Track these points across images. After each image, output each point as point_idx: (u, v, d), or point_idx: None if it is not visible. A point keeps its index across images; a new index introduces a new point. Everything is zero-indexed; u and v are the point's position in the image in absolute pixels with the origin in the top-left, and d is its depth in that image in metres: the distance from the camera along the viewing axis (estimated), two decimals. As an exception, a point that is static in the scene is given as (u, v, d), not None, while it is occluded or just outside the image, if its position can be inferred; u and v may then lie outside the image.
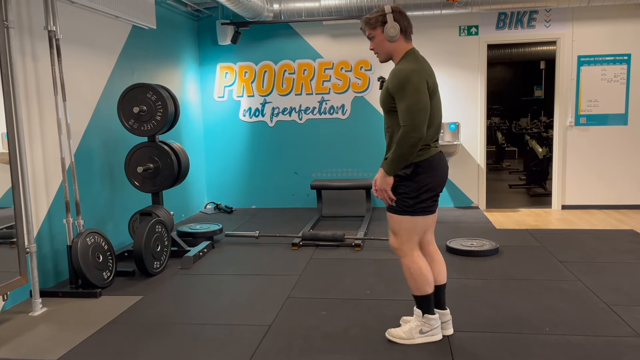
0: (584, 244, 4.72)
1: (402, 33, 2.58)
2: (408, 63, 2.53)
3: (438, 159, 2.64)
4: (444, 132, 6.47)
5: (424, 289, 2.67)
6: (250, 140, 6.88)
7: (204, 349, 2.79)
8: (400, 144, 2.45)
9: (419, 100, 2.43)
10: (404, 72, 2.47)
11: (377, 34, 2.59)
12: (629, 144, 6.23)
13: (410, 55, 2.59)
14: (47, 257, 3.84)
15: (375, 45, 2.63)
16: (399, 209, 2.62)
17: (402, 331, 2.75)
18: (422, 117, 2.44)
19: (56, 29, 3.70)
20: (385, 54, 2.63)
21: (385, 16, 2.55)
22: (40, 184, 3.77)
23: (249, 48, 6.72)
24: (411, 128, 2.42)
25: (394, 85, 2.48)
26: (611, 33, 6.11)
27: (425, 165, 2.57)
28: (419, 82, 2.45)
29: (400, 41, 2.59)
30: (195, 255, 4.44)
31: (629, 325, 2.94)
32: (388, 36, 2.56)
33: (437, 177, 2.63)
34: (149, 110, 4.33)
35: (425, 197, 2.61)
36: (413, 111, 2.42)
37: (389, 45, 2.59)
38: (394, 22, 2.54)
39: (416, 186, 2.57)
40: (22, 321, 3.26)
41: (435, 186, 2.63)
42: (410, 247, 2.67)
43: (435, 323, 2.74)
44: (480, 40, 6.35)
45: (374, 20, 2.58)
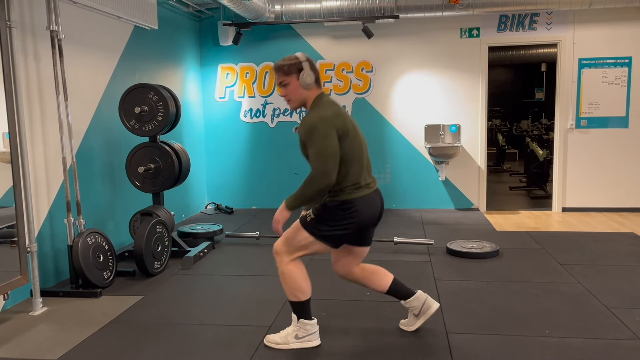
0: (584, 246, 4.73)
1: (315, 81, 2.63)
2: (316, 110, 2.57)
3: (366, 200, 2.62)
4: (445, 133, 6.48)
5: (296, 295, 2.70)
6: (251, 141, 6.89)
7: (204, 349, 2.80)
8: (308, 186, 2.49)
9: (326, 146, 2.47)
10: (311, 121, 2.51)
11: (291, 80, 2.60)
12: (630, 146, 6.23)
13: (319, 101, 2.62)
14: (47, 256, 3.85)
15: (288, 92, 2.63)
16: (308, 224, 2.64)
17: (279, 336, 2.79)
18: (331, 163, 2.47)
19: (58, 29, 3.70)
20: (299, 101, 2.65)
21: (301, 64, 2.59)
22: (41, 183, 3.78)
23: (250, 49, 6.73)
24: (320, 173, 2.46)
25: (303, 134, 2.53)
26: (612, 36, 6.12)
27: (351, 203, 2.58)
28: (326, 129, 2.48)
29: (313, 88, 2.63)
30: (196, 255, 4.44)
31: (629, 328, 2.94)
32: (305, 84, 2.58)
33: (361, 217, 2.61)
34: (150, 110, 4.34)
35: (342, 232, 2.62)
36: (321, 157, 2.46)
37: (303, 92, 2.63)
38: (310, 71, 2.59)
39: (338, 218, 2.60)
40: (23, 321, 3.26)
41: (358, 226, 2.63)
42: (289, 257, 2.69)
43: (311, 329, 2.76)
44: (482, 42, 6.35)
45: (287, 68, 2.59)
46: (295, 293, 2.70)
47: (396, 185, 6.70)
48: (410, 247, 4.77)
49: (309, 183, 2.49)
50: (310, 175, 2.50)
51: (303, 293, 2.70)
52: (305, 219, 2.67)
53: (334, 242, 2.68)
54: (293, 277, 2.68)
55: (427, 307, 2.88)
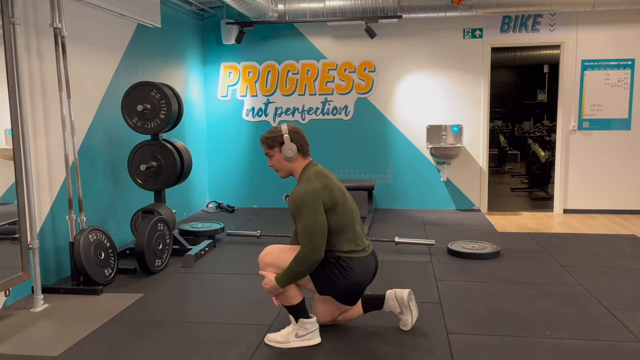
0: (586, 248, 4.72)
1: (299, 152, 2.68)
2: (303, 184, 2.61)
3: (362, 262, 2.68)
4: (447, 134, 6.48)
5: (288, 301, 2.72)
6: (252, 140, 6.89)
7: (204, 347, 2.80)
8: (298, 263, 2.55)
9: (313, 222, 2.52)
10: (298, 196, 2.56)
11: (275, 153, 2.70)
12: (632, 149, 6.22)
13: (305, 173, 2.67)
14: (49, 253, 3.86)
15: (274, 163, 2.73)
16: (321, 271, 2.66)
17: (279, 335, 2.79)
18: (318, 239, 2.53)
19: (62, 26, 3.71)
20: (286, 171, 2.74)
21: (282, 137, 2.65)
22: (43, 180, 3.79)
23: (253, 48, 6.74)
24: (310, 250, 2.52)
25: (292, 208, 2.59)
26: (615, 38, 6.11)
27: (347, 261, 2.64)
28: (313, 204, 2.53)
29: (298, 159, 2.71)
30: (197, 253, 4.45)
31: (630, 330, 2.94)
32: (286, 157, 2.65)
33: (356, 277, 2.66)
34: (153, 108, 4.34)
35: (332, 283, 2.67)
36: (309, 234, 2.52)
37: (287, 164, 2.70)
38: (290, 144, 2.65)
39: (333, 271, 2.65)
40: (24, 317, 3.27)
41: (348, 284, 2.66)
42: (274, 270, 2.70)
43: (311, 327, 2.77)
44: (484, 43, 6.35)
45: (270, 142, 2.69)
46: (287, 300, 2.71)
47: (398, 186, 6.70)
48: (411, 247, 4.77)
49: (299, 260, 2.55)
50: (299, 252, 2.55)
51: (293, 297, 2.72)
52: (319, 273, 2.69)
53: (322, 288, 2.70)
54: None
55: (400, 299, 2.89)
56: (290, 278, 2.59)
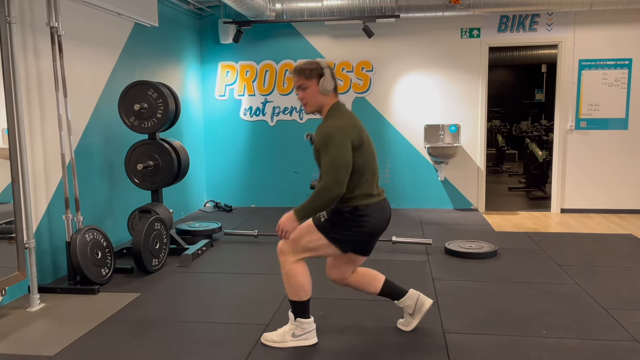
0: (583, 247, 4.73)
1: (333, 89, 2.65)
2: (333, 119, 2.58)
3: (378, 206, 2.65)
4: (444, 133, 6.48)
5: (298, 294, 2.70)
6: (250, 140, 6.88)
7: (200, 347, 2.80)
8: (319, 196, 2.49)
9: (340, 156, 2.48)
10: (328, 129, 2.52)
11: (311, 84, 2.61)
12: (629, 148, 6.23)
13: (336, 110, 2.63)
14: (45, 253, 3.85)
15: (306, 96, 2.63)
16: (322, 225, 2.64)
17: (276, 335, 2.78)
18: (343, 173, 2.48)
19: (58, 25, 3.70)
20: (316, 105, 2.65)
21: (322, 69, 2.61)
22: (40, 179, 3.78)
23: (250, 47, 6.73)
24: (332, 183, 2.47)
25: (318, 142, 2.54)
26: (612, 37, 6.12)
27: (364, 209, 2.60)
28: (342, 139, 2.50)
29: (331, 95, 2.65)
30: (194, 253, 4.44)
31: (626, 330, 2.94)
32: (324, 89, 2.59)
33: (373, 224, 2.63)
34: (150, 107, 4.33)
35: (352, 237, 2.63)
36: (335, 167, 2.47)
37: (321, 98, 2.63)
38: (330, 78, 2.61)
39: (350, 224, 2.60)
40: (20, 317, 3.26)
41: (368, 232, 2.64)
42: (294, 257, 2.68)
43: (308, 327, 2.76)
44: (482, 43, 6.35)
45: (309, 72, 2.60)
46: (298, 293, 2.70)
47: (395, 185, 6.70)
48: (408, 246, 4.77)
49: (320, 193, 2.49)
50: (322, 184, 2.49)
51: (305, 293, 2.71)
52: (319, 220, 2.66)
53: (343, 246, 2.67)
54: (297, 278, 2.68)
55: (420, 305, 2.89)
56: (307, 211, 2.53)
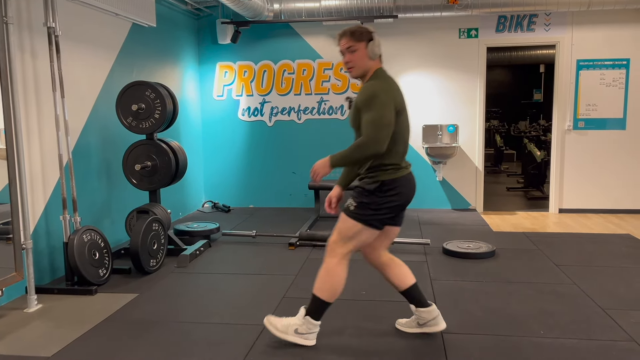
0: (581, 247, 4.73)
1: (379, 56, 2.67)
2: (377, 80, 2.60)
3: (406, 180, 2.65)
4: (442, 133, 6.48)
5: (327, 294, 2.69)
6: (248, 140, 6.88)
7: (198, 347, 2.79)
8: (357, 150, 2.49)
9: (383, 115, 2.48)
10: (373, 88, 2.53)
11: (360, 47, 2.60)
12: (627, 148, 6.24)
13: (380, 73, 2.65)
14: (43, 253, 3.84)
15: (353, 59, 2.62)
16: (353, 213, 2.63)
17: (280, 323, 2.77)
18: (385, 132, 2.48)
19: (55, 25, 3.69)
20: (363, 69, 2.64)
21: (372, 34, 2.62)
22: (37, 180, 3.77)
23: (248, 47, 6.73)
24: (373, 140, 2.46)
25: (362, 100, 2.54)
26: (610, 38, 6.13)
27: (391, 184, 2.59)
28: (386, 99, 2.51)
29: (377, 60, 2.66)
30: (192, 253, 4.44)
31: (624, 330, 2.95)
32: (372, 53, 2.60)
33: (402, 198, 2.63)
34: (148, 108, 4.33)
35: (384, 214, 2.63)
36: (377, 125, 2.46)
37: (368, 62, 2.63)
38: (379, 43, 2.62)
39: (379, 201, 2.59)
40: (17, 317, 3.25)
41: (398, 206, 2.64)
42: (342, 253, 2.67)
43: (313, 329, 2.75)
44: (480, 43, 6.36)
45: (358, 35, 2.59)
46: (328, 293, 2.67)
47: (393, 185, 6.69)
48: (406, 246, 4.77)
49: (359, 147, 2.48)
50: (362, 139, 2.47)
51: (332, 297, 2.69)
52: (349, 209, 2.65)
53: (379, 225, 2.65)
54: (334, 279, 2.66)
55: (434, 323, 2.85)
56: (343, 160, 2.54)
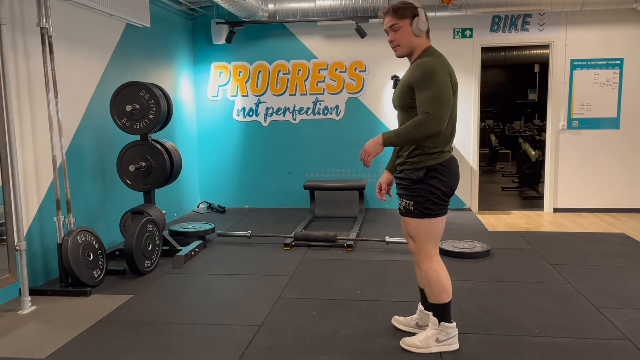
0: (575, 246, 4.75)
1: (426, 33, 2.54)
2: (432, 57, 2.45)
3: (451, 162, 2.55)
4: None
5: (440, 297, 2.60)
6: (243, 140, 6.87)
7: (193, 348, 2.79)
8: (416, 128, 2.34)
9: (443, 92, 2.35)
10: (430, 64, 2.40)
11: (404, 24, 2.47)
12: (621, 147, 6.27)
13: (433, 51, 2.53)
14: (37, 255, 3.82)
15: (399, 37, 2.50)
16: (415, 212, 2.53)
17: (418, 340, 2.67)
18: (446, 110, 2.35)
19: (49, 25, 3.68)
20: (409, 47, 2.52)
21: (416, 9, 2.47)
22: (31, 181, 3.75)
23: (243, 48, 6.72)
24: (435, 119, 2.33)
25: (417, 76, 2.39)
26: (604, 37, 6.15)
27: (439, 168, 2.49)
28: (445, 76, 2.39)
29: (424, 38, 2.53)
30: (187, 254, 4.43)
31: (617, 328, 2.96)
32: (417, 30, 2.46)
33: (451, 181, 2.54)
34: (142, 108, 4.32)
35: (438, 200, 2.52)
36: (439, 102, 2.33)
37: (414, 40, 2.50)
38: (424, 18, 2.47)
39: (431, 189, 2.49)
40: (11, 319, 3.24)
41: (448, 190, 2.54)
42: (427, 252, 2.59)
43: (452, 332, 2.67)
44: (474, 43, 6.37)
45: (402, 11, 2.46)
46: (440, 294, 2.60)
47: (389, 185, 6.70)
48: (402, 246, 4.77)
49: (419, 125, 2.34)
50: (422, 117, 2.34)
51: (447, 294, 2.60)
52: (410, 211, 2.54)
53: (444, 209, 2.56)
54: (438, 278, 2.58)
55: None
56: (399, 139, 2.39)
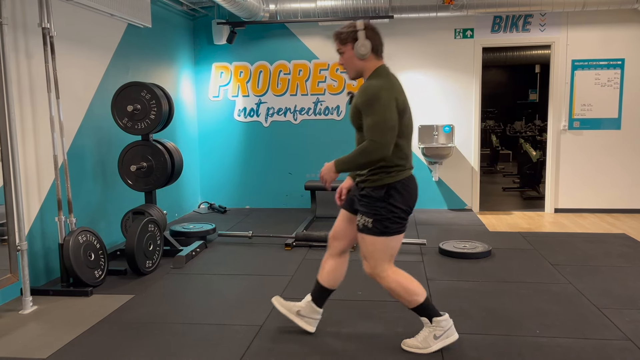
0: (576, 247, 4.75)
1: (373, 51, 2.51)
2: (378, 79, 2.47)
3: (410, 180, 2.58)
4: (439, 134, 6.49)
5: (414, 300, 2.62)
6: (244, 140, 6.87)
7: (195, 348, 2.79)
8: (362, 155, 2.41)
9: (386, 117, 2.38)
10: (373, 88, 2.42)
11: (347, 49, 2.53)
12: (622, 148, 6.26)
13: (380, 72, 2.53)
14: (38, 255, 3.83)
15: (344, 61, 2.57)
16: (374, 230, 2.54)
17: (417, 341, 2.69)
18: (390, 136, 2.39)
19: (50, 26, 3.68)
20: (355, 71, 2.57)
21: (356, 32, 2.49)
22: (32, 181, 3.76)
23: (244, 48, 6.72)
24: (378, 145, 2.37)
25: (362, 101, 2.43)
26: (605, 38, 6.15)
27: (398, 186, 2.51)
28: (388, 99, 2.40)
29: (371, 59, 2.53)
30: (188, 254, 4.43)
31: (619, 329, 2.96)
32: (358, 54, 2.49)
33: (410, 199, 2.57)
34: (143, 108, 4.32)
35: (398, 219, 2.55)
36: (382, 128, 2.37)
37: (358, 63, 2.54)
38: (365, 40, 2.48)
39: (390, 208, 2.52)
40: (12, 319, 3.24)
41: (407, 208, 2.58)
42: (382, 269, 2.61)
43: (446, 324, 2.67)
44: (476, 43, 6.37)
45: (344, 36, 2.52)
46: (412, 299, 2.61)
47: (390, 186, 6.69)
48: (402, 247, 4.74)
49: (364, 153, 2.40)
50: (367, 145, 2.39)
51: (418, 295, 2.61)
52: (368, 229, 2.55)
53: (402, 227, 2.57)
54: (402, 286, 2.60)
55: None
56: (348, 166, 2.47)
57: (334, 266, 2.86)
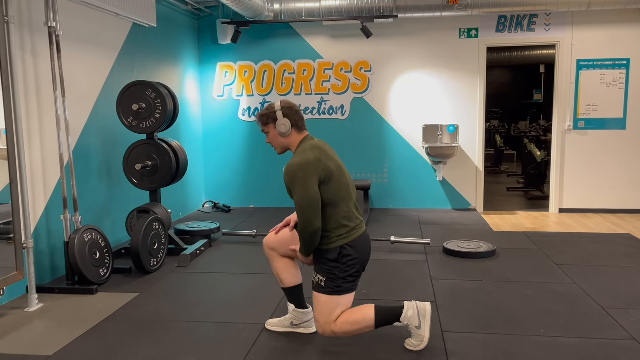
0: (581, 247, 4.74)
1: (293, 127, 2.65)
2: (298, 156, 2.59)
3: (362, 239, 2.63)
4: (442, 133, 6.49)
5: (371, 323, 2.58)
6: (248, 140, 6.88)
7: (199, 346, 2.80)
8: (302, 235, 2.56)
9: (304, 196, 2.50)
10: (291, 168, 2.55)
11: (270, 129, 2.68)
12: (627, 148, 6.24)
13: (301, 146, 2.65)
14: (43, 252, 3.84)
15: (270, 140, 2.73)
16: (326, 289, 2.59)
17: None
18: (310, 212, 2.50)
19: (56, 25, 3.70)
20: (281, 147, 2.73)
21: (275, 113, 2.64)
22: (38, 179, 3.77)
23: (248, 47, 6.73)
24: (304, 222, 2.51)
25: (286, 181, 2.59)
26: (610, 37, 6.13)
27: (348, 248, 2.57)
28: (305, 177, 2.51)
29: (293, 134, 2.67)
30: (192, 253, 4.44)
31: (624, 328, 2.95)
32: (279, 132, 2.65)
33: (362, 259, 2.63)
34: (148, 107, 4.33)
35: (350, 278, 2.60)
36: (301, 207, 2.51)
37: (282, 140, 2.69)
38: (283, 119, 2.62)
39: (344, 267, 2.57)
40: (18, 317, 3.26)
41: (360, 267, 2.63)
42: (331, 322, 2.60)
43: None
44: (480, 43, 6.36)
45: (265, 118, 2.67)
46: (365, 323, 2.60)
47: (394, 185, 6.71)
48: (407, 246, 4.77)
49: (300, 232, 2.56)
50: (299, 225, 2.56)
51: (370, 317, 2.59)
52: (321, 287, 2.61)
53: (353, 286, 2.64)
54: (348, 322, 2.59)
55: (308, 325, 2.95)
56: (304, 247, 2.61)
57: (282, 265, 2.91)
